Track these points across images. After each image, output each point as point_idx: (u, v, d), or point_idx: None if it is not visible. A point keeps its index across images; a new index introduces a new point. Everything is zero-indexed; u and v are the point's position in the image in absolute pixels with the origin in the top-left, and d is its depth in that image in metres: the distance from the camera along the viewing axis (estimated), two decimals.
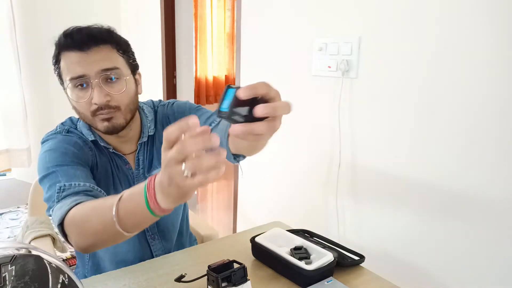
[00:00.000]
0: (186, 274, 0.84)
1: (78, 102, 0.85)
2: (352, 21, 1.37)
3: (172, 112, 1.04)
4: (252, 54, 1.89)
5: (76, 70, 0.82)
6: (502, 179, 1.03)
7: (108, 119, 0.86)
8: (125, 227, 0.63)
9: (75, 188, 0.77)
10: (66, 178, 0.79)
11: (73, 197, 0.75)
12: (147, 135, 0.99)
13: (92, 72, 0.83)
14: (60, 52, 0.85)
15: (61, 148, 0.86)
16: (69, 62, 0.83)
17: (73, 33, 0.83)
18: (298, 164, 1.69)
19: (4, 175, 2.99)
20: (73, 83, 0.83)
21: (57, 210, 0.74)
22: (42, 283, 0.48)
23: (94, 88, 0.83)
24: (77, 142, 0.89)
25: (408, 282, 1.26)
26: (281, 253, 0.88)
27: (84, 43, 0.82)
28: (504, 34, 1.00)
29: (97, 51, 0.83)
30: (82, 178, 0.80)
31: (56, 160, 0.83)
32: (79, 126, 0.95)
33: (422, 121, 1.20)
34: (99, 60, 0.83)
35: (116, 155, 0.96)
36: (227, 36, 5.78)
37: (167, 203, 0.56)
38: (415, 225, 1.25)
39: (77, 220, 0.71)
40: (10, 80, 2.66)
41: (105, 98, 0.84)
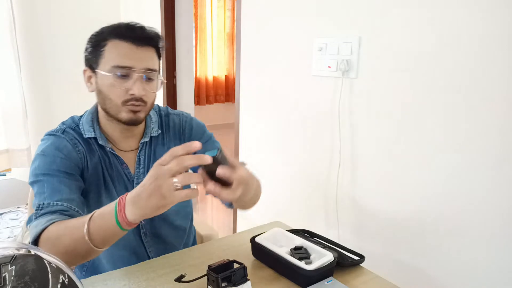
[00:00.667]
0: (186, 274, 0.84)
1: (114, 88, 0.90)
2: (352, 21, 1.37)
3: (189, 127, 1.10)
4: (252, 54, 1.89)
5: (123, 60, 0.88)
6: (502, 180, 1.03)
7: (135, 112, 0.92)
8: (95, 242, 0.70)
9: (53, 207, 0.81)
10: (49, 191, 0.84)
11: (49, 216, 0.79)
12: (149, 135, 1.03)
13: (139, 67, 0.89)
14: (111, 37, 0.89)
15: (51, 154, 0.89)
16: (120, 51, 0.89)
17: (135, 28, 0.90)
18: (298, 164, 1.69)
19: (4, 175, 2.99)
20: (116, 70, 0.88)
21: (33, 228, 0.78)
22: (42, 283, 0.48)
23: (136, 81, 0.89)
24: (66, 146, 0.92)
25: (408, 282, 1.26)
26: (281, 253, 0.88)
27: (141, 40, 0.90)
28: (504, 34, 1.00)
29: (146, 50, 0.91)
30: (64, 193, 0.85)
31: (44, 167, 0.87)
32: (82, 122, 0.98)
33: (422, 121, 1.20)
34: (147, 59, 0.91)
35: (113, 154, 0.98)
36: (227, 36, 5.79)
37: (135, 216, 0.66)
38: (415, 225, 1.25)
39: (50, 239, 0.75)
40: (10, 80, 2.66)
41: (143, 91, 0.90)
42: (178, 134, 1.08)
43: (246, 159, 2.01)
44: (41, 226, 0.76)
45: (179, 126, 1.09)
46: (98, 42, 0.91)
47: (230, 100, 6.00)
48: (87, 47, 0.93)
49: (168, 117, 1.09)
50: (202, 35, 5.51)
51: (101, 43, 0.90)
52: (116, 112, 0.92)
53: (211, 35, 5.63)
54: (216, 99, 5.96)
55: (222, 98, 6.00)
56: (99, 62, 0.90)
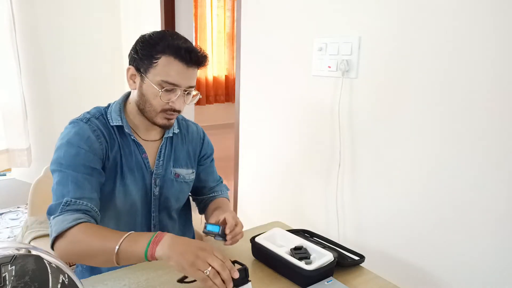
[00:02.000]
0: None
1: (157, 98, 0.96)
2: (352, 21, 1.37)
3: (207, 142, 1.23)
4: (252, 54, 1.89)
5: (174, 78, 0.95)
6: (503, 180, 1.04)
7: (169, 119, 1.01)
8: (119, 261, 0.80)
9: (78, 205, 0.88)
10: (73, 186, 0.90)
11: (75, 215, 0.86)
12: (172, 131, 1.11)
13: (184, 86, 0.97)
14: (167, 54, 0.94)
15: (75, 145, 0.94)
16: (171, 68, 0.95)
17: (192, 53, 0.96)
18: (298, 164, 1.69)
19: (4, 175, 3.00)
20: (163, 84, 0.95)
21: (59, 223, 0.85)
22: (42, 283, 0.48)
23: (179, 96, 0.98)
24: (90, 138, 0.96)
25: (408, 282, 1.26)
26: (281, 253, 0.88)
27: (194, 63, 0.97)
28: (505, 34, 1.00)
29: (193, 70, 0.98)
30: (87, 191, 0.91)
31: (69, 159, 0.92)
32: (110, 111, 1.04)
33: (422, 121, 1.20)
34: (192, 79, 0.99)
35: (135, 142, 1.04)
36: (227, 36, 5.78)
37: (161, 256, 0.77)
38: (415, 225, 1.25)
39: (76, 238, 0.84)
40: (10, 80, 2.66)
41: (183, 106, 1.00)
42: (196, 140, 1.19)
43: (246, 159, 2.01)
44: (68, 223, 0.84)
45: (197, 134, 1.21)
46: (152, 52, 0.95)
47: (230, 100, 6.00)
48: (138, 50, 0.97)
49: (186, 122, 1.20)
50: (202, 35, 5.51)
51: (155, 54, 0.95)
52: (152, 116, 1.00)
53: (211, 35, 5.62)
54: (216, 99, 5.96)
55: (222, 98, 6.00)
56: (149, 71, 0.96)
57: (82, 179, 0.91)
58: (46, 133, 2.90)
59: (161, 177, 1.07)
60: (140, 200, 1.05)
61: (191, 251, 0.75)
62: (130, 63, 1.00)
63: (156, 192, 1.07)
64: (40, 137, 2.91)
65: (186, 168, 1.13)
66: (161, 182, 1.08)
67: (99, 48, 3.04)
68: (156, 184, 1.07)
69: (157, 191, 1.07)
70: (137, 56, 0.97)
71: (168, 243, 0.77)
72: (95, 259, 0.84)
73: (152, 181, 1.06)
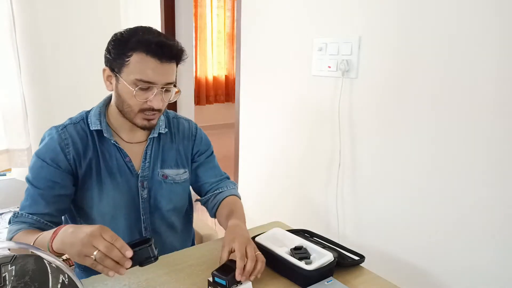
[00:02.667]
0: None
1: (134, 98, 0.92)
2: (352, 21, 1.37)
3: (200, 136, 1.17)
4: (252, 54, 1.89)
5: (148, 76, 0.90)
6: (503, 180, 1.03)
7: (149, 120, 0.97)
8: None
9: (24, 218, 0.94)
10: (29, 201, 0.95)
11: (19, 226, 0.93)
12: (157, 132, 1.06)
13: (160, 83, 0.92)
14: (138, 51, 0.90)
15: (41, 159, 0.97)
16: (145, 65, 0.90)
17: (165, 47, 0.91)
18: (298, 164, 1.69)
19: (4, 175, 2.99)
20: (138, 83, 0.91)
21: (7, 233, 0.93)
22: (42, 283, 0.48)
23: (156, 94, 0.93)
24: (55, 150, 0.97)
25: (408, 282, 1.26)
26: (281, 253, 0.88)
27: (167, 57, 0.92)
28: (505, 34, 1.00)
29: (169, 66, 0.93)
30: (41, 207, 0.95)
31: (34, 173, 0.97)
32: (90, 115, 1.02)
33: (422, 121, 1.20)
34: (169, 74, 0.94)
35: (116, 147, 1.01)
36: (227, 36, 5.78)
37: (57, 249, 0.78)
38: (416, 225, 1.25)
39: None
40: (10, 80, 2.66)
41: (161, 103, 0.95)
42: (187, 138, 1.13)
43: (246, 159, 2.01)
44: (11, 234, 0.92)
45: (188, 130, 1.15)
46: (123, 49, 0.91)
47: (230, 100, 6.00)
48: (110, 49, 0.94)
49: (177, 120, 1.15)
50: (202, 35, 5.51)
51: (126, 52, 0.91)
52: (131, 117, 0.97)
53: (211, 35, 5.62)
54: (216, 99, 5.96)
55: (222, 98, 5.99)
56: (122, 70, 0.92)
57: (38, 196, 0.95)
58: None
59: (148, 179, 1.05)
60: (126, 204, 1.02)
61: (79, 239, 0.71)
62: (105, 63, 0.97)
63: (144, 195, 1.04)
64: (40, 137, 2.91)
65: (176, 169, 1.09)
66: (150, 184, 1.05)
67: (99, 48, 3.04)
68: (144, 186, 1.04)
69: (145, 193, 1.04)
70: (110, 56, 0.94)
71: (60, 237, 0.77)
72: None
73: (139, 184, 1.03)
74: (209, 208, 1.17)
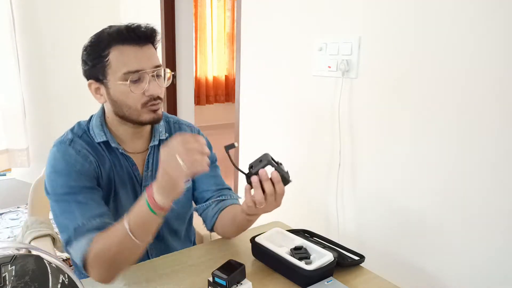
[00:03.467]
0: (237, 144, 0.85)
1: (130, 94, 0.88)
2: (352, 21, 1.37)
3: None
4: (252, 54, 1.89)
5: (134, 64, 0.87)
6: (503, 180, 1.03)
7: (155, 110, 0.92)
8: (139, 237, 0.77)
9: (88, 226, 0.83)
10: (79, 210, 0.85)
11: (88, 236, 0.82)
12: (158, 138, 1.02)
13: (148, 67, 0.89)
14: (113, 44, 0.87)
15: (64, 171, 0.89)
16: (126, 56, 0.87)
17: (135, 28, 0.87)
18: (298, 164, 1.69)
19: (4, 175, 2.99)
20: (127, 76, 0.87)
21: (77, 251, 0.82)
22: (42, 283, 0.48)
23: (150, 81, 0.89)
24: (77, 160, 0.90)
25: (408, 282, 1.26)
26: (281, 253, 0.88)
27: (143, 39, 0.88)
28: (505, 34, 1.00)
29: (149, 48, 0.90)
30: (94, 209, 0.86)
31: (63, 185, 0.87)
32: (92, 127, 0.97)
33: (421, 121, 1.20)
34: (152, 56, 0.91)
35: (124, 155, 0.97)
36: (227, 36, 5.78)
37: (163, 199, 0.74)
38: (416, 225, 1.25)
39: (98, 255, 0.79)
40: (9, 80, 2.66)
41: (160, 90, 0.91)
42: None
43: (247, 159, 2.01)
44: (84, 247, 0.80)
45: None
46: (99, 52, 0.88)
47: (230, 100, 6.00)
48: (86, 61, 0.91)
49: (179, 125, 1.11)
50: (202, 35, 5.51)
51: (102, 52, 0.87)
52: (137, 116, 0.92)
53: (211, 35, 5.62)
54: (216, 99, 5.96)
55: (222, 98, 5.99)
56: (107, 73, 0.88)
57: (84, 199, 0.87)
58: (46, 133, 2.90)
59: None
60: None
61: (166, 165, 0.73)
62: (87, 77, 0.93)
63: None
64: (40, 137, 2.91)
65: None
66: None
67: None
68: None
69: None
70: (88, 66, 0.90)
71: (157, 191, 0.74)
72: (124, 252, 0.80)
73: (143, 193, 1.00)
74: (208, 216, 1.05)
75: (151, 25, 0.92)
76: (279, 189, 0.80)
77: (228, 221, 0.99)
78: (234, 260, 0.81)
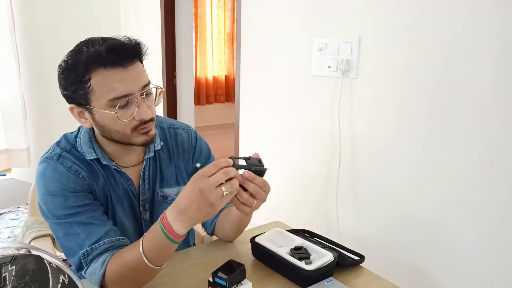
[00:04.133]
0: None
1: (119, 122, 0.81)
2: (352, 21, 1.37)
3: (199, 148, 1.05)
4: (252, 54, 1.89)
5: (120, 89, 0.78)
6: (503, 180, 1.03)
7: (147, 132, 0.85)
8: (155, 263, 0.76)
9: (98, 249, 0.81)
10: (84, 233, 0.81)
11: (100, 258, 0.80)
12: (153, 150, 0.96)
13: (136, 90, 0.80)
14: (94, 69, 0.78)
15: (59, 192, 0.83)
16: (110, 81, 0.78)
17: (118, 48, 0.78)
18: (298, 164, 1.69)
19: (4, 175, 3.00)
20: (114, 102, 0.79)
21: (92, 276, 0.80)
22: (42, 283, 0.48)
23: (139, 105, 0.81)
24: (69, 178, 0.84)
25: (408, 282, 1.26)
26: (281, 253, 0.88)
27: (127, 58, 0.79)
28: (504, 34, 1.00)
29: (134, 67, 0.81)
30: (100, 229, 0.82)
31: (61, 207, 0.82)
32: (80, 143, 0.90)
33: (421, 121, 1.20)
34: (139, 76, 0.82)
35: (118, 171, 0.92)
36: (227, 36, 5.78)
37: (186, 229, 0.71)
38: (416, 225, 1.25)
39: (115, 280, 0.78)
40: (9, 80, 2.66)
41: (150, 112, 0.83)
42: (187, 151, 1.02)
43: None
44: (99, 271, 0.78)
45: (188, 143, 1.03)
46: (78, 77, 0.79)
47: (230, 100, 6.00)
48: (63, 84, 0.82)
49: (174, 131, 1.03)
50: (202, 35, 5.51)
51: (82, 78, 0.78)
52: (127, 140, 0.85)
53: (211, 35, 5.62)
54: (216, 99, 5.96)
55: (222, 98, 5.99)
56: (90, 99, 0.80)
57: (86, 219, 0.82)
58: (46, 133, 2.90)
59: (149, 202, 0.97)
60: (132, 228, 0.97)
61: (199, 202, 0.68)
62: (67, 101, 0.85)
63: (146, 218, 0.98)
64: (40, 137, 2.91)
65: (177, 186, 1.00)
66: (150, 206, 0.98)
67: None
68: (145, 209, 0.97)
69: (147, 216, 0.98)
70: (68, 91, 0.82)
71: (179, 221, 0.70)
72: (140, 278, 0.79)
73: (141, 207, 0.96)
74: (207, 222, 1.03)
75: (134, 39, 0.83)
76: (259, 182, 0.77)
77: (227, 223, 0.97)
78: (234, 260, 0.81)
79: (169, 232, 0.71)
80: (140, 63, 0.84)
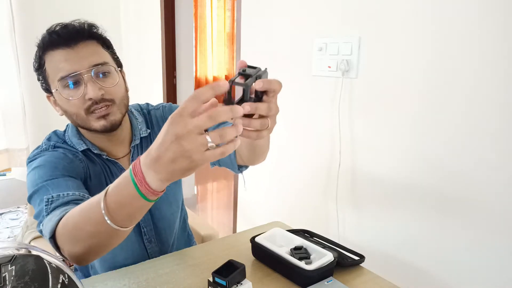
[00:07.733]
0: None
1: (70, 101, 0.81)
2: (352, 21, 1.37)
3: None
4: (252, 54, 1.89)
5: (65, 68, 0.79)
6: (502, 180, 1.03)
7: (105, 116, 0.83)
8: (118, 222, 0.58)
9: (64, 198, 0.72)
10: (56, 190, 0.74)
11: (63, 207, 0.70)
12: (139, 137, 0.96)
13: (83, 68, 0.80)
14: (45, 52, 0.82)
15: (50, 162, 0.81)
16: (57, 61, 0.80)
17: (57, 30, 0.80)
18: (298, 164, 1.69)
19: (4, 175, 3.00)
20: (63, 82, 0.80)
21: (47, 223, 0.69)
22: (42, 283, 0.48)
23: (87, 83, 0.80)
24: (66, 156, 0.84)
25: (408, 282, 1.26)
26: (281, 253, 0.88)
27: (71, 38, 0.80)
28: (504, 34, 1.00)
29: (84, 46, 0.81)
30: (73, 188, 0.75)
31: (45, 175, 0.78)
32: (68, 137, 0.91)
33: (421, 122, 1.20)
34: (89, 55, 0.81)
35: (110, 161, 0.92)
36: (227, 36, 5.79)
37: (159, 183, 0.53)
38: (415, 225, 1.25)
39: (67, 228, 0.65)
40: (9, 80, 2.67)
41: (99, 92, 0.81)
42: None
43: None
44: (56, 217, 0.67)
45: (161, 118, 1.01)
46: (38, 62, 0.83)
47: None
48: (37, 76, 0.87)
49: (150, 114, 1.02)
50: (202, 35, 5.51)
51: (40, 62, 0.83)
52: (87, 124, 0.84)
53: (211, 35, 5.63)
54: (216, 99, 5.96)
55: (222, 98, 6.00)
56: (49, 83, 0.84)
57: (64, 181, 0.76)
58: (46, 133, 2.86)
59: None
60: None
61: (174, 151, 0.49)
62: (45, 92, 0.90)
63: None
64: (40, 137, 2.90)
65: None
66: None
67: None
68: None
69: None
70: (40, 81, 0.86)
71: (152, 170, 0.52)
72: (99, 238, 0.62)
73: None
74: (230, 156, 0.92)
75: (85, 21, 0.84)
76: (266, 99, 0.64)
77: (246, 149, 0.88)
78: (234, 260, 0.81)
79: (140, 183, 0.53)
80: (94, 44, 0.84)
